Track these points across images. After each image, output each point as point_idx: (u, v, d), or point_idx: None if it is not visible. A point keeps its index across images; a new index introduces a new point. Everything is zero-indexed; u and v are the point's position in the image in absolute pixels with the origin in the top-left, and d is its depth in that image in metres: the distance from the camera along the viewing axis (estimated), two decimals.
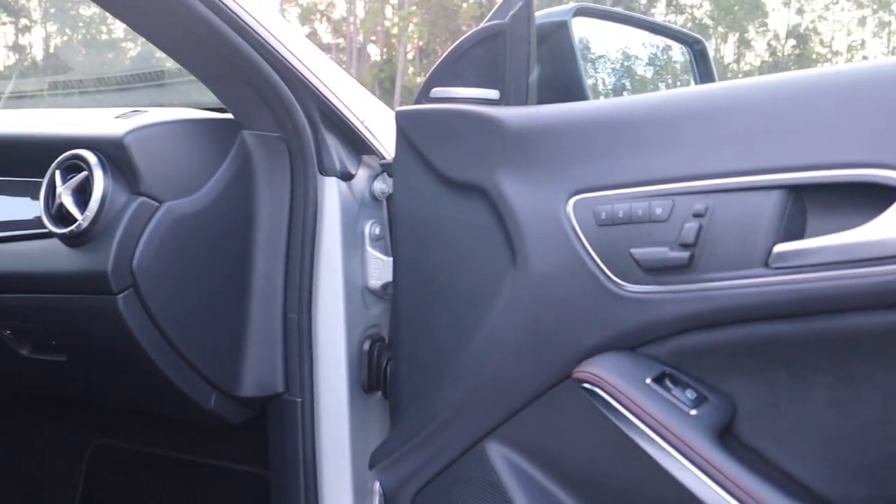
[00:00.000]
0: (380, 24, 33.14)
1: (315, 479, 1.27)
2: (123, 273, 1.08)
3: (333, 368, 1.24)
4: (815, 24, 51.55)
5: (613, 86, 1.35)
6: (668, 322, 0.89)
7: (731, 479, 0.83)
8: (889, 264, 0.75)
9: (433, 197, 1.07)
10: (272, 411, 1.29)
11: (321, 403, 1.26)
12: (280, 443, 1.28)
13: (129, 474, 1.80)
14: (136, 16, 1.11)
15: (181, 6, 1.02)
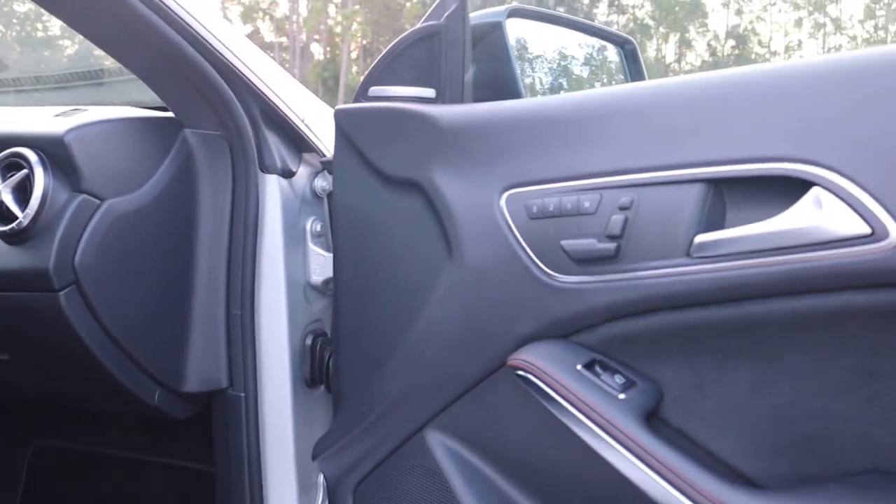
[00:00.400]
0: (323, 22, 33.02)
1: (259, 472, 1.29)
2: (65, 270, 1.08)
3: (276, 363, 1.26)
4: (753, 25, 52.63)
5: (551, 84, 1.39)
6: (598, 310, 0.92)
7: (657, 459, 0.86)
8: (799, 252, 0.79)
9: (372, 193, 1.10)
10: (216, 407, 1.30)
11: (265, 398, 1.27)
12: (224, 438, 1.29)
13: (71, 475, 1.79)
14: (75, 14, 1.11)
15: (122, 5, 1.03)
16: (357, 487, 1.15)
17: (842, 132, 0.80)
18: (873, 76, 0.81)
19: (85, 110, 1.26)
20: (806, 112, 0.83)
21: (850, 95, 0.81)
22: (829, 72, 0.84)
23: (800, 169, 0.80)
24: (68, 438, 1.78)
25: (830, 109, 0.82)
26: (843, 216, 0.77)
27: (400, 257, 1.08)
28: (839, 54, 0.84)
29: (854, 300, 0.80)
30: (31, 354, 1.27)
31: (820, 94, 0.83)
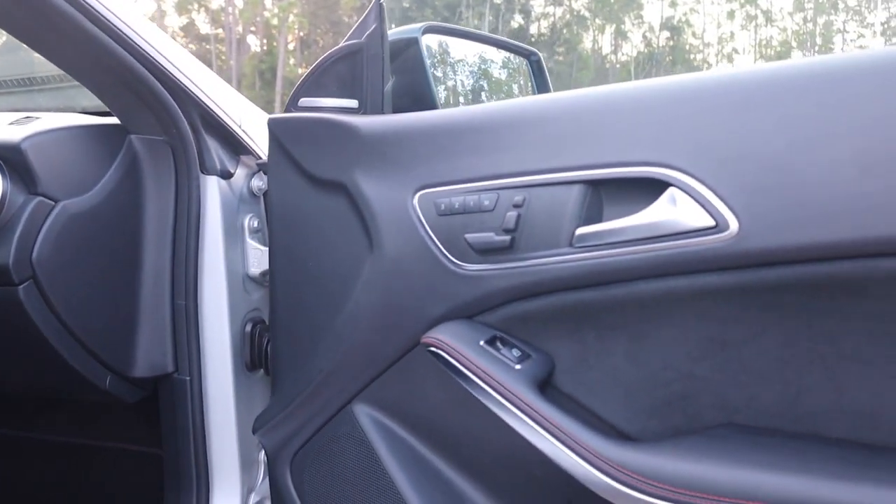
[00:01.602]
0: (259, 14, 32.60)
1: (205, 451, 1.37)
2: (23, 266, 1.16)
3: (218, 349, 1.34)
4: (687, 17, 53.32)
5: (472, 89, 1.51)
6: (497, 294, 1.04)
7: (547, 420, 0.97)
8: (660, 242, 0.92)
9: (302, 193, 1.19)
10: (163, 390, 1.37)
11: (208, 381, 1.35)
12: (172, 420, 1.37)
13: (24, 463, 1.85)
14: (27, 31, 1.18)
15: (69, 24, 1.11)
16: (293, 458, 1.23)
17: (692, 141, 0.92)
18: (714, 95, 0.94)
19: (38, 118, 1.33)
20: (664, 124, 0.95)
21: (697, 110, 0.94)
22: (680, 90, 0.97)
23: (659, 172, 0.92)
24: (20, 427, 1.84)
25: (683, 122, 0.94)
26: (693, 211, 0.89)
27: (327, 250, 1.17)
28: (689, 75, 0.97)
29: (705, 281, 0.92)
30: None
31: (674, 109, 0.95)
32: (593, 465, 0.93)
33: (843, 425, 0.90)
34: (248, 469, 1.40)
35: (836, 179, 0.83)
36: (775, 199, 0.86)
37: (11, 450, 1.83)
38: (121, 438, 1.68)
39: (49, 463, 1.81)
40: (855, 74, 0.87)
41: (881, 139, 0.82)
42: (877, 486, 0.81)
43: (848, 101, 0.85)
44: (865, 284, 0.85)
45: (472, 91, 1.53)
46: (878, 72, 0.85)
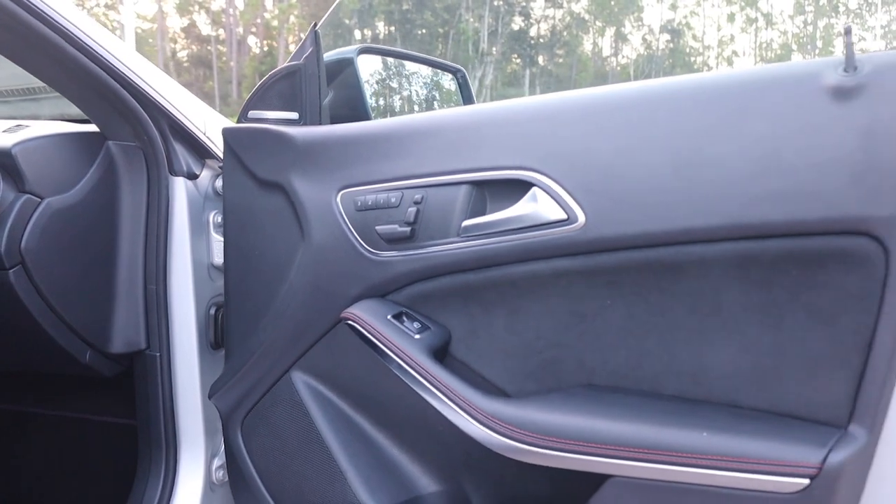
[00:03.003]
0: (259, 16, 32.70)
1: (174, 420, 1.53)
2: (13, 253, 1.33)
3: (185, 329, 1.51)
4: (687, 20, 53.19)
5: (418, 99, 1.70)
6: (402, 276, 1.21)
7: (438, 380, 1.15)
8: (525, 232, 1.10)
9: (249, 192, 1.36)
10: (137, 365, 1.53)
11: (176, 357, 1.52)
12: (144, 392, 1.53)
13: (14, 435, 2.02)
14: (15, 52, 1.34)
15: (51, 46, 1.27)
16: (243, 420, 1.40)
17: (549, 149, 1.10)
18: (567, 111, 1.13)
19: (28, 126, 1.49)
20: (529, 135, 1.13)
21: (554, 124, 1.12)
22: (542, 108, 1.15)
23: (524, 174, 1.11)
24: (12, 401, 2.02)
25: (543, 134, 1.12)
26: (550, 206, 1.08)
27: (269, 240, 1.34)
28: (548, 96, 1.16)
29: (562, 264, 1.10)
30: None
31: (537, 123, 1.14)
32: (474, 418, 1.10)
33: (675, 384, 1.07)
34: (211, 436, 1.55)
35: (654, 180, 1.02)
36: (611, 196, 1.04)
37: (3, 423, 2.01)
38: (101, 412, 1.84)
39: (36, 435, 1.97)
40: (666, 97, 1.06)
41: (687, 148, 1.01)
42: (690, 431, 0.99)
43: (662, 118, 1.04)
44: (682, 267, 1.02)
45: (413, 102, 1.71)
46: (683, 95, 1.05)
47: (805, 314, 0.97)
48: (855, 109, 0.92)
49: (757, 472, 0.94)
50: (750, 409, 1.02)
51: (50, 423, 1.95)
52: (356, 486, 1.27)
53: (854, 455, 0.94)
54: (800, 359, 0.98)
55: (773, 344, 0.99)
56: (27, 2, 1.19)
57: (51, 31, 1.25)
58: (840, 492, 0.93)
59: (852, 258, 0.93)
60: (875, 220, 0.91)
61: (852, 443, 0.94)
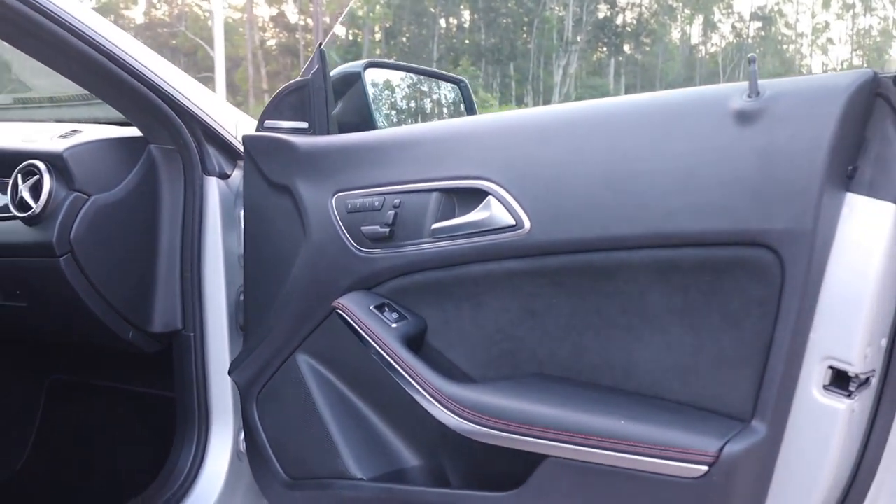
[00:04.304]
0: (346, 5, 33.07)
1: (206, 394, 1.69)
2: (64, 243, 1.52)
3: (217, 312, 1.67)
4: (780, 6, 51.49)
5: (424, 110, 1.85)
6: (384, 272, 1.35)
7: (407, 365, 1.27)
8: (482, 236, 1.22)
9: (263, 193, 1.52)
10: (175, 345, 1.71)
11: (208, 338, 1.68)
12: (180, 368, 1.70)
13: (77, 402, 2.24)
14: (67, 71, 1.52)
15: (99, 66, 1.44)
16: (258, 396, 1.56)
17: (503, 161, 1.23)
18: (520, 128, 1.26)
19: (81, 131, 1.70)
20: (487, 149, 1.27)
21: (509, 139, 1.26)
22: (500, 124, 1.30)
23: (481, 183, 1.24)
24: (74, 373, 2.25)
25: (499, 147, 1.25)
26: (502, 213, 1.20)
27: (278, 235, 1.50)
28: (505, 113, 1.29)
29: (513, 265, 1.22)
30: (41, 303, 1.71)
31: (495, 138, 1.28)
32: (436, 401, 1.23)
33: (609, 377, 1.17)
34: (239, 411, 1.69)
35: (589, 192, 1.14)
36: (553, 205, 1.17)
37: (67, 392, 2.24)
38: (146, 385, 2.05)
39: (94, 402, 2.20)
40: (604, 116, 1.18)
41: (618, 163, 1.13)
42: (612, 419, 1.10)
43: (599, 135, 1.17)
44: (613, 271, 1.14)
45: (419, 112, 1.86)
46: (618, 114, 1.17)
47: (718, 317, 1.07)
48: (755, 132, 1.02)
49: (661, 457, 1.04)
50: (672, 402, 1.12)
51: (103, 393, 2.16)
52: (346, 458, 1.41)
53: (752, 447, 1.01)
54: (713, 358, 1.08)
55: (692, 343, 1.09)
56: (72, 25, 1.36)
57: (94, 50, 1.41)
58: (739, 481, 1.02)
59: (754, 267, 1.03)
60: (771, 233, 1.00)
61: (751, 436, 1.02)
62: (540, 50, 35.14)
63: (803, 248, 0.98)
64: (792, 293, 1.00)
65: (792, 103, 1.02)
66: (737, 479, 1.02)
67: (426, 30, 34.39)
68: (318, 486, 1.45)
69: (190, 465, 1.70)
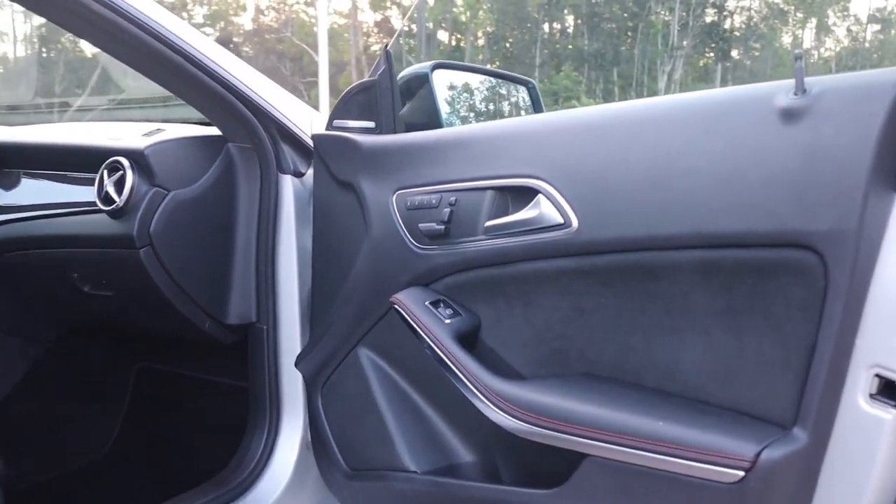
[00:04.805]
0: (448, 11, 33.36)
1: (277, 385, 1.75)
2: (144, 235, 1.59)
3: (289, 306, 1.71)
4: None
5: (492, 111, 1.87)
6: (439, 268, 1.37)
7: (458, 360, 1.29)
8: (531, 234, 1.23)
9: (330, 190, 1.57)
10: (250, 336, 1.76)
11: (281, 330, 1.72)
12: (254, 359, 1.76)
13: (160, 390, 2.36)
14: (149, 72, 1.59)
15: (177, 67, 1.50)
16: (322, 387, 1.61)
17: (553, 160, 1.24)
18: (571, 127, 1.26)
19: (164, 130, 1.77)
20: (538, 148, 1.27)
21: (559, 139, 1.26)
22: (551, 124, 1.30)
23: (532, 182, 1.25)
24: (159, 362, 2.36)
25: (550, 147, 1.26)
26: (551, 211, 1.21)
27: (343, 231, 1.54)
28: (558, 112, 1.29)
29: (561, 264, 1.22)
30: (125, 292, 1.80)
31: (545, 137, 1.28)
32: (483, 395, 1.25)
33: (654, 378, 1.16)
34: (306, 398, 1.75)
35: (634, 191, 1.14)
36: (599, 204, 1.17)
37: (153, 380, 2.35)
38: (224, 374, 2.13)
39: (178, 391, 2.30)
40: (649, 115, 1.18)
41: (662, 162, 1.12)
42: (652, 420, 1.09)
43: (645, 134, 1.16)
44: (657, 270, 1.13)
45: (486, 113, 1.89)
46: (663, 113, 1.16)
47: (761, 320, 1.04)
48: (800, 130, 1.00)
49: (698, 460, 1.02)
50: (714, 405, 1.10)
51: (184, 381, 2.26)
52: (402, 451, 1.45)
53: (792, 454, 0.99)
54: (755, 362, 1.06)
55: (734, 346, 1.07)
56: (155, 30, 1.43)
57: (175, 53, 1.48)
58: (777, 489, 1.00)
59: (798, 269, 1.00)
60: (815, 234, 0.97)
61: (792, 443, 1.00)
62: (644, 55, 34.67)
63: (847, 249, 0.95)
64: (836, 297, 0.97)
65: (838, 100, 0.99)
66: (775, 487, 1.00)
67: (529, 35, 34.33)
68: (375, 478, 1.49)
69: (260, 453, 1.75)
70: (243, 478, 1.73)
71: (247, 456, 1.76)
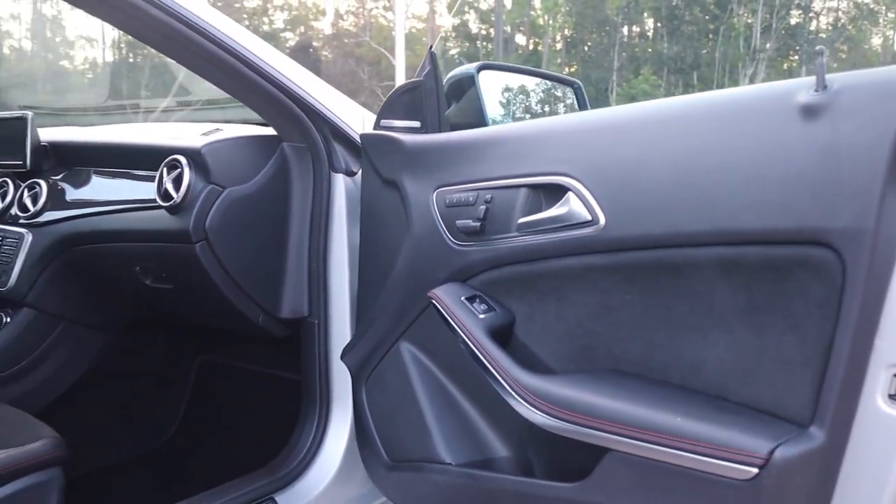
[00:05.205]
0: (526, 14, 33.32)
1: (327, 378, 1.80)
2: (199, 230, 1.66)
3: (340, 301, 1.77)
4: None
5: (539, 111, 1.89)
6: (475, 264, 1.40)
7: (490, 354, 1.31)
8: (561, 231, 1.25)
9: (376, 188, 1.61)
10: (302, 331, 1.82)
11: (332, 325, 1.78)
12: (305, 353, 1.82)
13: (220, 381, 2.44)
14: (208, 74, 1.65)
15: (233, 70, 1.56)
16: (367, 380, 1.65)
17: (583, 158, 1.25)
18: (600, 127, 1.28)
19: (221, 129, 1.85)
20: (569, 146, 1.29)
21: (588, 137, 1.28)
22: (582, 123, 1.32)
23: (561, 179, 1.27)
24: (221, 355, 2.44)
25: (580, 145, 1.28)
26: (580, 208, 1.23)
27: (387, 228, 1.58)
28: (586, 112, 1.31)
29: (589, 261, 1.23)
30: (183, 286, 1.87)
31: (576, 136, 1.30)
32: (512, 389, 1.27)
33: (679, 375, 1.17)
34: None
35: (658, 188, 1.15)
36: (625, 201, 1.19)
37: (213, 372, 2.43)
38: (278, 367, 2.20)
39: (236, 383, 2.38)
40: (675, 113, 1.19)
41: (686, 159, 1.13)
42: (671, 415, 1.09)
43: (670, 132, 1.17)
44: (681, 267, 1.14)
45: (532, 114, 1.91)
46: (688, 111, 1.17)
47: (780, 318, 1.04)
48: (819, 127, 1.00)
49: (713, 456, 1.03)
50: (735, 403, 1.10)
51: (242, 373, 2.33)
52: (438, 443, 1.48)
53: (808, 453, 0.99)
54: (775, 360, 1.05)
55: (755, 344, 1.07)
56: (211, 34, 1.49)
57: (231, 57, 1.54)
58: (792, 487, 0.99)
59: (816, 267, 1.00)
60: (833, 232, 0.97)
61: (808, 442, 1.00)
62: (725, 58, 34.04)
63: (865, 247, 0.95)
64: (853, 295, 0.96)
65: (858, 97, 0.98)
66: (790, 486, 1.00)
67: (607, 38, 34.03)
68: (413, 469, 1.52)
69: (310, 444, 1.81)
70: (293, 467, 1.78)
71: (297, 446, 1.82)
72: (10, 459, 1.36)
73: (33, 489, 1.37)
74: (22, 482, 1.36)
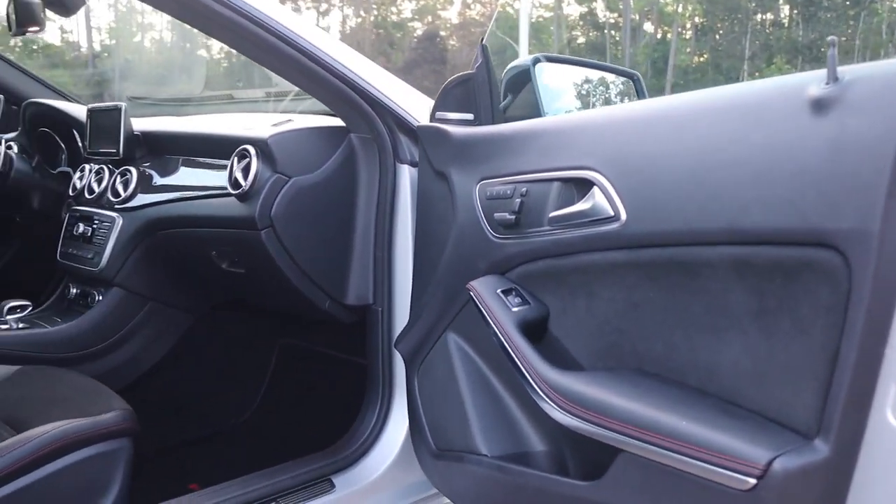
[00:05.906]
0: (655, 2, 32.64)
1: (390, 362, 1.84)
2: (265, 218, 1.72)
3: (403, 290, 1.79)
4: None
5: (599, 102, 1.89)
6: (512, 257, 1.41)
7: (518, 347, 1.32)
8: (586, 226, 1.25)
9: (430, 178, 1.64)
10: (367, 317, 1.87)
11: (395, 313, 1.81)
12: (370, 339, 1.86)
13: (298, 364, 2.53)
14: (277, 68, 1.71)
15: (301, 65, 1.61)
16: (419, 367, 1.68)
17: (608, 153, 1.24)
18: (623, 122, 1.27)
19: (291, 120, 1.91)
20: (597, 141, 1.29)
21: (613, 132, 1.27)
22: (609, 118, 1.31)
23: (587, 174, 1.26)
24: (300, 339, 2.52)
25: (606, 140, 1.27)
26: (604, 203, 1.22)
27: (437, 219, 1.60)
28: (615, 106, 1.29)
29: (612, 256, 1.22)
30: (254, 271, 1.94)
31: (604, 131, 1.29)
32: (536, 384, 1.28)
33: (696, 377, 1.14)
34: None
35: (674, 184, 1.13)
36: (644, 197, 1.17)
37: (292, 356, 2.52)
38: (350, 352, 2.26)
39: (312, 365, 2.46)
40: (692, 108, 1.16)
41: (701, 155, 1.11)
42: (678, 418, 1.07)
43: (686, 127, 1.15)
44: (697, 266, 1.11)
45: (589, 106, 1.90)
46: (704, 106, 1.15)
47: (789, 322, 1.00)
48: (829, 121, 0.95)
49: (713, 462, 0.99)
50: (746, 408, 1.06)
51: (317, 357, 2.41)
52: (476, 434, 1.49)
53: (810, 466, 0.94)
54: (784, 366, 1.01)
55: (766, 348, 1.03)
56: (277, 30, 1.54)
57: (297, 52, 1.59)
58: (792, 500, 0.95)
59: (823, 270, 0.95)
60: (838, 233, 0.92)
61: (811, 454, 0.95)
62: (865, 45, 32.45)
63: (870, 250, 0.89)
64: (859, 301, 0.91)
65: (868, 89, 0.93)
66: (791, 500, 0.95)
67: (739, 26, 32.96)
68: (455, 458, 1.54)
69: (371, 429, 1.85)
70: (353, 449, 1.83)
71: (358, 430, 1.87)
72: (83, 428, 1.43)
73: (102, 457, 1.44)
74: (91, 450, 1.43)
